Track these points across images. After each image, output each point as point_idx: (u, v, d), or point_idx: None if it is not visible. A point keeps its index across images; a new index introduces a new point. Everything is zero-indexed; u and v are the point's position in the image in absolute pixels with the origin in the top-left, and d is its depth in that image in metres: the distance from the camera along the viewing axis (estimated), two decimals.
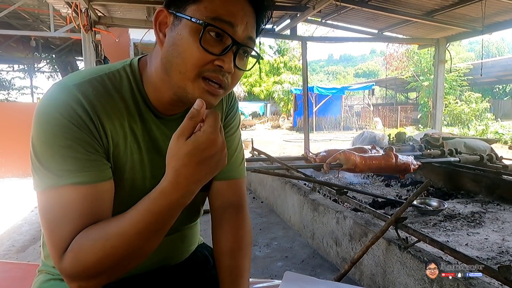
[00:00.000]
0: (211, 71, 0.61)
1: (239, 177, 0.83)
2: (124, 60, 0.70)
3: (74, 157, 0.58)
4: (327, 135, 14.84)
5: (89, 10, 4.43)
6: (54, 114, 0.58)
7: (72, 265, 0.56)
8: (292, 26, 5.74)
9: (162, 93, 0.67)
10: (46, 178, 0.58)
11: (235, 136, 0.84)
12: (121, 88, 0.66)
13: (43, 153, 0.58)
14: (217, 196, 0.82)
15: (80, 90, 0.61)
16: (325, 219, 2.47)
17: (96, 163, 0.61)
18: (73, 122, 0.58)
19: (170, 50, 0.61)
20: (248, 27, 0.62)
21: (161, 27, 0.64)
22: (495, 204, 3.01)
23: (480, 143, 4.40)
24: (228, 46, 0.60)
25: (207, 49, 0.59)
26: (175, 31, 0.61)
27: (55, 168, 0.58)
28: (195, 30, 0.59)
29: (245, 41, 0.62)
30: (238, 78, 0.66)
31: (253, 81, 21.60)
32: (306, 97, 6.20)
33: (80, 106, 0.60)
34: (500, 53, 27.96)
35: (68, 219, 0.57)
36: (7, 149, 5.48)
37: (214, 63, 0.60)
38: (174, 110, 0.71)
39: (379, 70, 49.71)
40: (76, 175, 0.58)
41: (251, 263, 0.79)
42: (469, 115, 13.25)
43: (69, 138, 0.58)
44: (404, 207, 1.83)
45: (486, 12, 4.51)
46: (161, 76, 0.65)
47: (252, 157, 4.32)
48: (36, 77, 14.60)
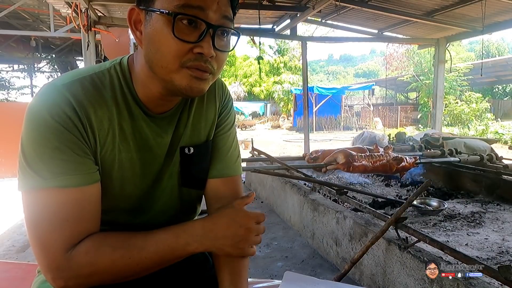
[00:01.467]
0: (193, 60, 0.60)
1: (234, 174, 0.83)
2: (114, 59, 0.70)
3: (61, 159, 0.58)
4: (327, 135, 14.84)
5: (89, 10, 4.43)
6: (43, 115, 0.58)
7: (83, 265, 0.59)
8: (292, 26, 5.74)
9: (150, 89, 0.67)
10: (31, 179, 0.58)
11: (230, 133, 0.84)
12: (111, 87, 0.66)
13: (31, 153, 0.58)
14: (213, 194, 0.81)
15: (70, 90, 0.61)
16: (325, 219, 2.47)
17: (83, 166, 0.61)
18: (62, 123, 0.59)
19: (149, 46, 0.61)
20: (221, 6, 0.61)
21: (136, 25, 0.64)
22: (495, 204, 3.01)
23: (480, 143, 4.40)
24: (203, 31, 0.59)
25: (183, 38, 0.58)
26: (148, 27, 0.61)
27: (42, 169, 0.58)
28: (167, 22, 0.58)
29: (220, 22, 0.61)
30: (222, 61, 0.65)
31: (253, 81, 21.61)
32: (306, 97, 6.21)
33: (69, 107, 0.60)
34: (500, 53, 27.94)
35: (52, 221, 0.58)
36: (7, 149, 5.48)
37: (194, 51, 0.59)
38: (165, 107, 0.71)
39: (379, 70, 49.73)
40: (62, 178, 0.58)
41: (249, 263, 0.79)
42: (469, 115, 13.25)
43: (58, 140, 0.58)
44: (404, 207, 1.83)
45: (486, 12, 4.51)
46: (146, 73, 0.65)
47: (252, 157, 4.32)
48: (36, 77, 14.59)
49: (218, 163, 0.81)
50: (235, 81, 22.03)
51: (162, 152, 0.73)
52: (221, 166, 0.81)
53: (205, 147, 0.79)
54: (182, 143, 0.75)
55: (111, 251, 0.60)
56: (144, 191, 0.73)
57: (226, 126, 0.83)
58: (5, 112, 5.82)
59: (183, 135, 0.75)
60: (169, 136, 0.73)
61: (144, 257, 0.62)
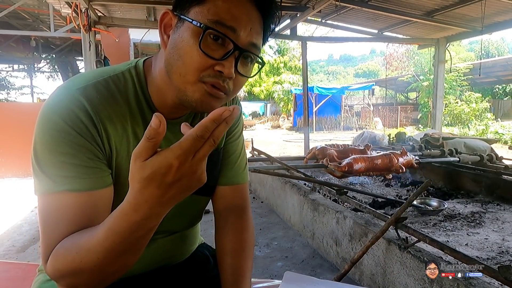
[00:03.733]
0: (212, 76, 0.59)
1: (242, 182, 0.84)
2: (130, 61, 0.70)
3: (72, 164, 0.58)
4: (327, 135, 14.83)
5: (89, 10, 4.43)
6: (56, 119, 0.58)
7: (50, 270, 0.57)
8: (292, 26, 5.74)
9: (165, 96, 0.66)
10: (44, 183, 0.58)
11: (239, 141, 0.84)
12: (125, 91, 0.66)
13: (43, 157, 0.58)
14: (221, 200, 0.82)
15: (85, 94, 0.61)
16: (325, 219, 2.47)
17: (95, 170, 0.60)
18: (75, 128, 0.58)
19: (172, 52, 0.60)
20: (252, 33, 0.60)
21: (166, 29, 0.63)
22: (495, 204, 3.01)
23: (480, 143, 4.40)
24: (229, 51, 0.59)
25: (207, 53, 0.58)
26: (177, 33, 0.60)
27: (53, 173, 0.58)
28: (196, 33, 0.58)
29: (248, 47, 0.60)
30: (240, 84, 0.64)
31: (253, 81, 21.59)
32: (306, 97, 6.21)
33: (83, 112, 0.59)
34: (500, 53, 27.94)
35: (58, 224, 0.58)
36: (7, 149, 5.48)
37: (214, 68, 0.59)
38: (178, 113, 0.71)
39: (379, 70, 49.71)
40: (72, 181, 0.58)
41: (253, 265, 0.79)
42: (469, 115, 13.25)
43: (70, 145, 0.58)
44: (404, 207, 1.83)
45: (486, 12, 4.51)
46: (164, 79, 0.64)
47: (252, 157, 4.32)
48: (36, 77, 14.60)
49: (228, 171, 0.82)
50: None
51: None
52: (231, 174, 0.82)
53: (216, 155, 0.79)
54: None
55: (63, 253, 0.55)
56: None
57: (236, 134, 0.83)
58: (5, 112, 5.82)
59: None
60: None
61: (95, 258, 0.52)
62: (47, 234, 0.58)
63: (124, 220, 0.50)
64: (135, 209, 0.48)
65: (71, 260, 0.54)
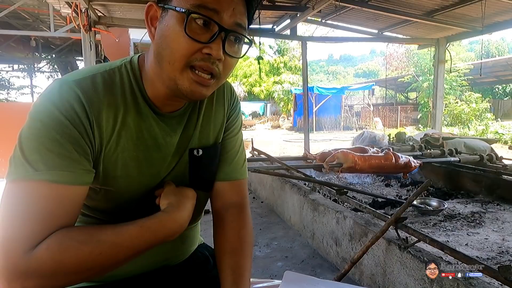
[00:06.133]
0: (200, 60, 0.60)
1: (241, 178, 0.84)
2: (125, 57, 0.71)
3: (58, 153, 0.57)
4: (327, 135, 14.83)
5: (89, 10, 4.43)
6: (50, 107, 0.58)
7: (44, 262, 0.53)
8: (292, 26, 5.74)
9: (157, 88, 0.67)
10: (22, 168, 0.56)
11: (237, 137, 0.84)
12: (121, 84, 0.66)
13: (28, 143, 0.57)
14: (219, 197, 0.82)
15: (80, 86, 0.61)
16: (325, 219, 2.47)
17: (79, 165, 0.59)
18: (68, 118, 0.58)
19: (159, 41, 0.62)
20: (236, 13, 0.61)
21: (152, 21, 0.64)
22: (495, 204, 3.01)
23: (480, 143, 4.40)
24: (215, 33, 0.60)
25: (194, 37, 0.59)
26: (163, 23, 0.61)
27: (35, 159, 0.56)
28: (181, 19, 0.59)
29: (233, 27, 0.61)
30: (231, 66, 0.65)
31: (253, 81, 21.60)
32: (306, 97, 6.21)
33: (78, 103, 0.60)
34: (500, 53, 27.94)
35: (38, 216, 0.55)
36: (7, 149, 5.47)
37: (202, 51, 0.60)
38: (173, 107, 0.71)
39: (379, 70, 49.74)
40: (53, 172, 0.56)
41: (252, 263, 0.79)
42: (469, 115, 13.25)
43: (60, 133, 0.57)
44: (404, 207, 1.83)
45: (486, 12, 4.51)
46: (155, 71, 0.65)
47: (252, 157, 4.31)
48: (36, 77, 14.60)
49: (227, 167, 0.82)
50: (235, 81, 22.02)
51: (170, 152, 0.73)
52: (229, 170, 0.82)
53: (214, 149, 0.79)
54: (191, 145, 0.75)
55: (77, 246, 0.56)
56: (150, 190, 0.73)
57: (234, 130, 0.84)
58: (5, 112, 5.82)
59: (193, 136, 0.75)
60: (177, 135, 0.73)
61: (117, 252, 0.58)
62: (21, 224, 0.54)
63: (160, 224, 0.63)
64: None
65: (87, 252, 0.56)
